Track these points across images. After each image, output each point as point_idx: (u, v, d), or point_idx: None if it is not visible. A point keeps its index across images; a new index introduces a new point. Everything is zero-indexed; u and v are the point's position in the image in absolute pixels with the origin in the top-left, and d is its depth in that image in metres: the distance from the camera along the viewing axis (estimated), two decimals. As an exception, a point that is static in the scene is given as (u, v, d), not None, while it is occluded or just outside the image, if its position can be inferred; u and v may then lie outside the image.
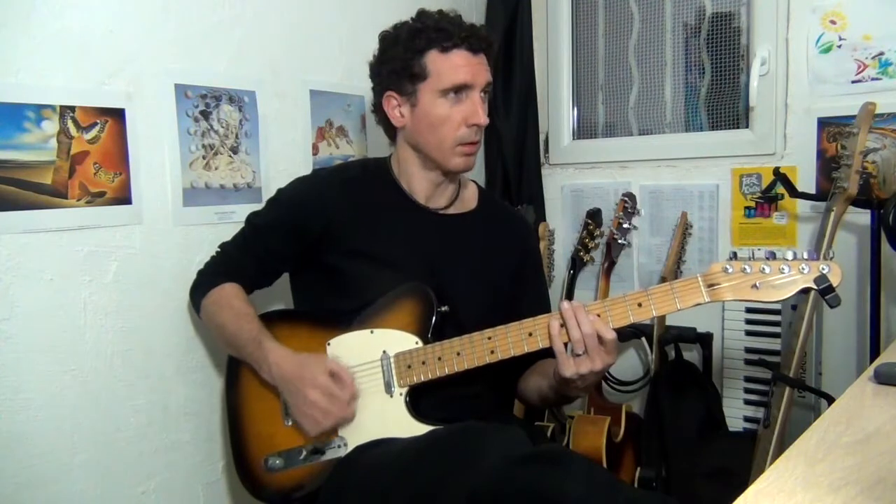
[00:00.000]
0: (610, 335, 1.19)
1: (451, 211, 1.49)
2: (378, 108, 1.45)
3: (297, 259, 1.46)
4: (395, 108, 1.41)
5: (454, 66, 1.35)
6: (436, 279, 1.37)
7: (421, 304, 1.33)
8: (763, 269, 1.14)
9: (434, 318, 1.32)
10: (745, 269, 1.15)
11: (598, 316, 1.20)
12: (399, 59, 1.37)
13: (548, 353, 1.27)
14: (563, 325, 1.21)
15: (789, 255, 1.14)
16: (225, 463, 1.66)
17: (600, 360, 1.20)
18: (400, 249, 1.41)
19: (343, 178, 1.48)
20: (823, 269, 1.12)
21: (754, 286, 1.15)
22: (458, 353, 1.27)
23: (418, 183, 1.46)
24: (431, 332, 1.32)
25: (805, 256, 1.14)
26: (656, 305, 1.19)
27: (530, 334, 1.25)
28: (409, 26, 1.38)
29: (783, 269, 1.13)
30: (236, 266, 1.48)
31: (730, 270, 1.16)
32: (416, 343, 1.31)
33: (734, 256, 1.18)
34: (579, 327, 1.19)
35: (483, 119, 1.37)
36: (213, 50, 1.61)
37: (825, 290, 1.11)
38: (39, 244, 1.33)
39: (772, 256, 1.15)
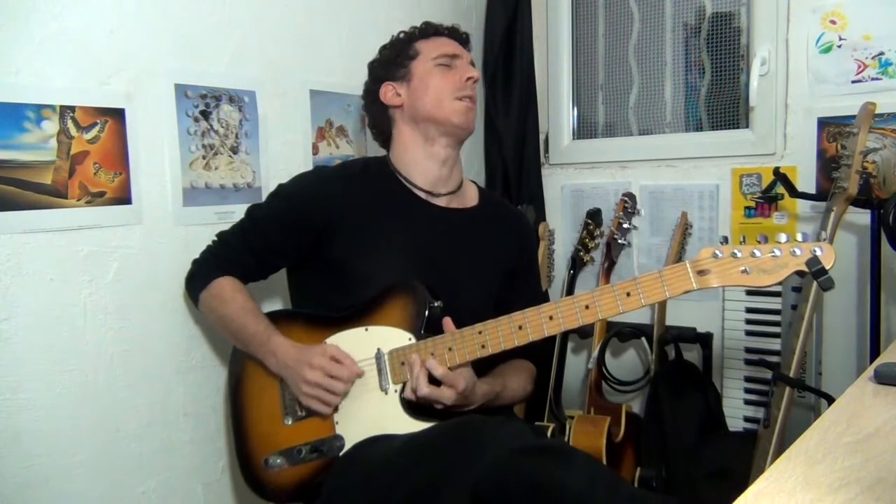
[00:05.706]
0: (438, 371, 1.26)
1: (453, 206, 1.50)
2: (373, 110, 1.53)
3: (296, 253, 1.46)
4: (392, 93, 1.49)
5: (441, 43, 1.49)
6: (437, 274, 1.38)
7: (414, 300, 1.33)
8: (754, 253, 1.11)
9: (427, 313, 1.32)
10: (734, 253, 1.12)
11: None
12: (391, 50, 1.52)
13: (535, 347, 1.28)
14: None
15: (782, 238, 1.10)
16: (225, 463, 1.66)
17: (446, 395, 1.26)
18: (401, 245, 1.42)
19: (344, 175, 1.49)
20: (815, 250, 1.08)
21: (744, 271, 1.11)
22: (450, 349, 1.27)
23: (421, 168, 1.47)
24: (425, 327, 1.32)
25: (799, 239, 1.10)
26: (645, 294, 1.16)
27: (520, 328, 1.24)
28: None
29: (774, 252, 1.09)
30: (233, 258, 1.48)
31: (719, 255, 1.12)
32: (410, 339, 1.31)
33: (725, 241, 1.16)
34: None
35: (476, 73, 1.48)
36: (213, 50, 1.61)
37: (818, 273, 1.06)
38: (39, 244, 1.33)
39: (764, 240, 1.11)
